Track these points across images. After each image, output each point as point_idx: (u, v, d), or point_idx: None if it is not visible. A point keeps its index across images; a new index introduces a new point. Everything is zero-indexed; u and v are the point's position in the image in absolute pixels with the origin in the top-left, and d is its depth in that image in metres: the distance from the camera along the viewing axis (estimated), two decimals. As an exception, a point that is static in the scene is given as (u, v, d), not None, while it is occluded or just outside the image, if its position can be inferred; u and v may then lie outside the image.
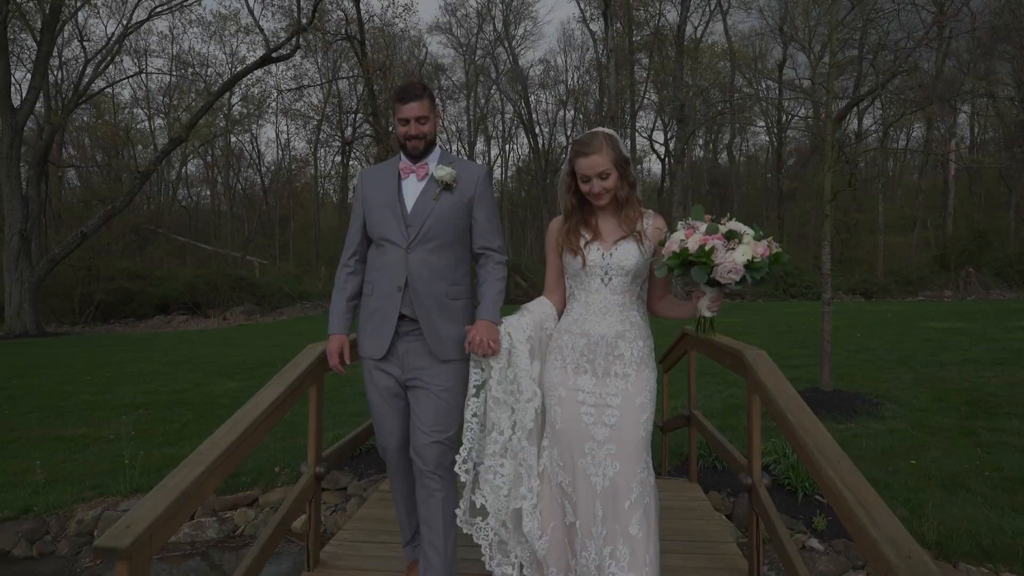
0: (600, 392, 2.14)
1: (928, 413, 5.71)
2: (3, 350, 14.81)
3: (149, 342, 16.28)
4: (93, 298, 26.00)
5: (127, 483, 5.02)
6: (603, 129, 2.18)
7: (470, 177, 2.40)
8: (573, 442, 2.14)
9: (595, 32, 33.63)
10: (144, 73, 32.05)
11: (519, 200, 42.28)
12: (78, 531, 4.56)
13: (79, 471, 5.43)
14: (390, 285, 2.34)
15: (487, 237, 2.42)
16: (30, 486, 5.12)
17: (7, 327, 18.67)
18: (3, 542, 4.42)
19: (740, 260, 1.91)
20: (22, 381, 9.62)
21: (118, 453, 5.81)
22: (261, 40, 25.19)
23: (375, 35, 29.12)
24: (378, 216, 2.39)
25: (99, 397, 8.19)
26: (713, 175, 39.93)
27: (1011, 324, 11.34)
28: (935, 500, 3.90)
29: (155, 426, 6.64)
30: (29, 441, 6.33)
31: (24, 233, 18.61)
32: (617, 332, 2.16)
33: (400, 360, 2.38)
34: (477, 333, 2.20)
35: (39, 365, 11.48)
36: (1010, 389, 6.37)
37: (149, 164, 21.36)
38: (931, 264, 26.68)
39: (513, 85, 37.30)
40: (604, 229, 2.21)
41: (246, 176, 39.84)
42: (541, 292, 2.37)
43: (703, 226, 1.98)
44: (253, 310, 26.65)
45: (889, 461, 4.60)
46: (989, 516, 3.69)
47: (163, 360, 11.69)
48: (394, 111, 2.39)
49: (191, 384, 8.87)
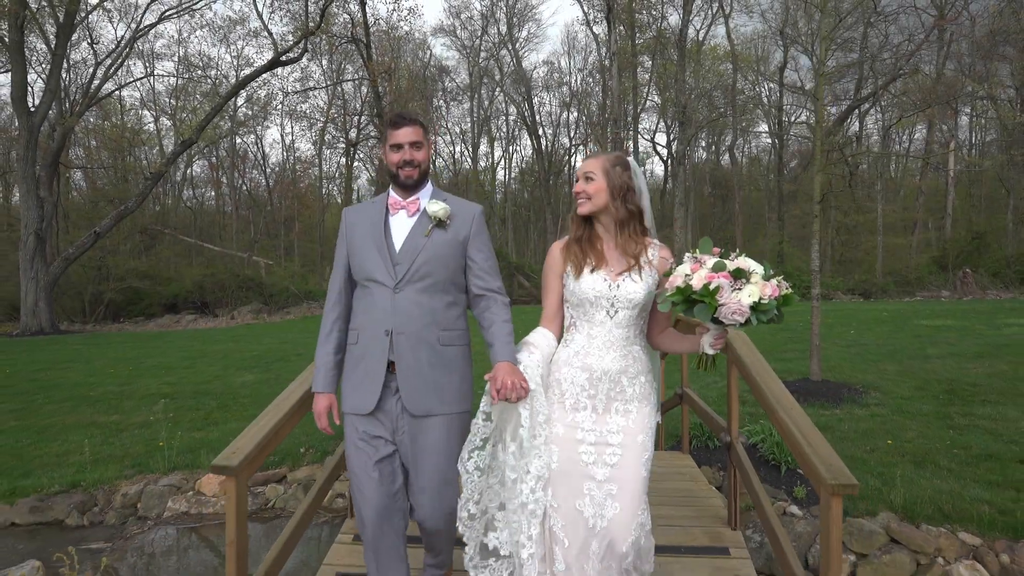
0: (600, 430, 2.06)
1: (909, 400, 6.10)
2: (23, 346, 15.27)
3: (162, 339, 16.73)
4: (103, 297, 26.52)
5: (165, 462, 5.44)
6: (622, 154, 2.17)
7: (464, 215, 2.25)
8: (572, 483, 2.04)
9: (598, 35, 34.06)
10: (152, 76, 32.50)
11: (522, 201, 42.67)
12: (123, 503, 4.98)
13: (117, 452, 5.85)
14: (376, 329, 2.14)
15: (486, 279, 2.25)
16: (75, 465, 5.55)
17: (23, 324, 19.15)
18: (57, 512, 4.84)
19: (746, 302, 1.84)
20: (49, 374, 10.06)
21: (151, 437, 6.25)
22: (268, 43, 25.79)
23: (380, 38, 29.62)
24: (362, 254, 2.20)
25: (124, 388, 8.62)
26: (715, 177, 40.30)
27: (999, 322, 11.71)
28: (905, 473, 4.30)
29: (182, 414, 7.06)
30: (66, 427, 6.76)
31: (39, 233, 19.08)
32: (620, 367, 2.09)
33: (391, 417, 2.16)
34: (504, 377, 1.97)
35: (61, 360, 11.92)
36: (987, 379, 6.76)
37: (160, 166, 21.86)
38: (929, 265, 27.05)
39: (516, 87, 37.73)
40: (609, 256, 2.12)
41: (251, 177, 40.34)
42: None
43: (710, 261, 1.92)
44: (261, 309, 27.11)
45: (868, 441, 5.00)
46: (952, 486, 4.09)
47: (180, 355, 12.12)
48: (385, 140, 2.25)
49: (211, 376, 9.29)
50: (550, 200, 37.86)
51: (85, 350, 14.05)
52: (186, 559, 4.40)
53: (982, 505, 3.79)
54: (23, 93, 18.32)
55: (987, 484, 4.11)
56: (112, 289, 26.69)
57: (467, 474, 2.04)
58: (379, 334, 2.12)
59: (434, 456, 2.14)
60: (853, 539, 3.68)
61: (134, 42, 24.36)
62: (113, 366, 10.68)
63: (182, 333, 19.69)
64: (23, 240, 19.21)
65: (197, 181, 40.83)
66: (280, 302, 28.03)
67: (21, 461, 5.71)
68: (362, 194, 40.31)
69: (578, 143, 40.14)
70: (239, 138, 37.21)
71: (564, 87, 39.37)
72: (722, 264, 1.89)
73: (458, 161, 41.49)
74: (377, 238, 2.19)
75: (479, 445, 2.04)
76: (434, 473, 2.14)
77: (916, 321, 12.80)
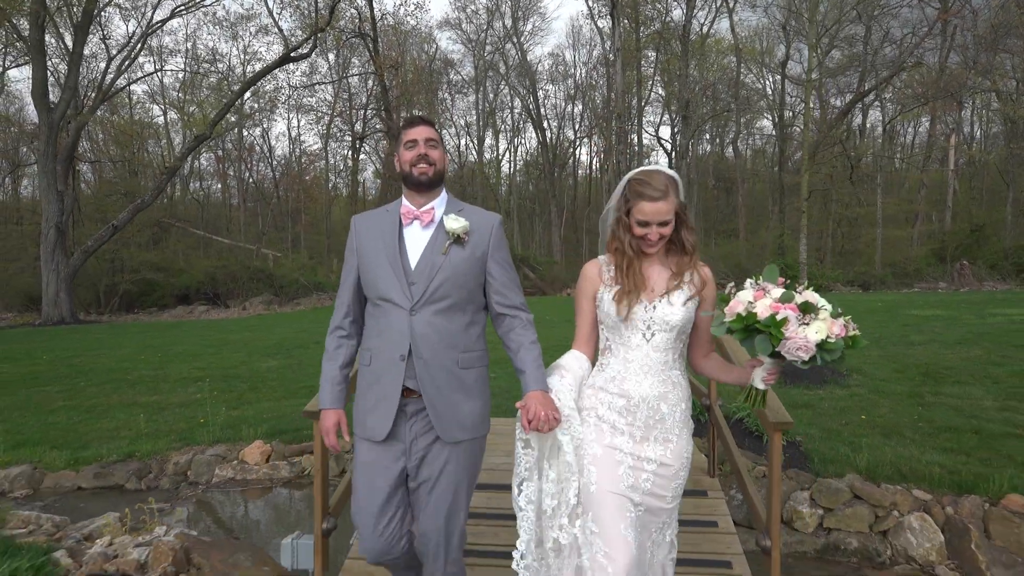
0: (637, 454, 1.99)
1: (886, 382, 6.63)
2: (49, 335, 15.90)
3: (179, 329, 17.34)
4: (118, 288, 27.21)
5: (209, 435, 6.03)
6: (666, 170, 2.01)
7: (483, 228, 2.13)
8: (613, 504, 1.94)
9: (603, 28, 34.38)
10: (161, 71, 33.00)
11: (527, 193, 43.10)
12: (175, 471, 5.58)
13: (163, 428, 6.44)
14: (391, 353, 2.05)
15: (508, 295, 2.15)
16: (127, 438, 6.14)
17: (45, 315, 19.80)
18: (117, 478, 5.44)
19: (813, 338, 1.73)
20: (82, 360, 10.66)
21: (191, 415, 6.83)
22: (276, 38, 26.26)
23: (387, 33, 30.05)
24: (375, 272, 2.10)
25: (158, 372, 9.22)
26: (719, 169, 40.65)
27: (987, 311, 12.20)
28: (872, 442, 4.84)
29: (217, 395, 7.64)
30: (111, 406, 7.35)
31: (60, 226, 19.69)
32: (659, 393, 1.99)
33: (406, 444, 2.08)
34: (535, 408, 1.92)
35: (88, 347, 12.52)
36: (962, 363, 7.28)
37: (175, 161, 22.42)
38: (928, 257, 27.47)
39: (521, 80, 38.11)
40: (650, 277, 2.02)
41: (258, 170, 40.87)
42: (549, 284, 2.31)
43: (775, 291, 1.82)
44: (272, 300, 27.73)
45: (844, 416, 5.54)
46: (912, 452, 4.63)
47: (202, 343, 12.71)
48: (399, 141, 2.17)
49: (237, 362, 9.87)
50: (555, 192, 38.28)
51: (108, 338, 14.67)
52: (240, 514, 4.99)
53: (935, 467, 4.33)
54: (44, 90, 18.86)
55: (942, 451, 4.65)
56: (127, 280, 27.38)
57: (521, 511, 1.98)
58: (394, 359, 2.04)
59: (447, 481, 2.07)
60: (822, 495, 4.23)
61: (146, 38, 24.87)
62: (142, 353, 11.28)
63: (197, 323, 20.30)
64: (44, 233, 19.83)
65: (203, 173, 41.38)
66: (290, 293, 28.61)
67: (77, 435, 6.30)
68: (367, 187, 40.84)
69: (583, 136, 40.54)
70: (245, 131, 37.72)
71: (569, 80, 39.74)
72: (790, 295, 1.79)
73: (463, 154, 41.90)
74: (391, 254, 2.08)
75: (526, 475, 1.99)
76: (450, 501, 2.07)
77: (907, 311, 13.30)
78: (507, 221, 38.89)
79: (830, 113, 31.52)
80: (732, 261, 29.01)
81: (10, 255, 28.74)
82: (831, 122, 29.69)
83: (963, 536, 3.76)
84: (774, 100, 33.63)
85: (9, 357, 11.13)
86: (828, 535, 4.09)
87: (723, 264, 27.95)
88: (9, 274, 26.46)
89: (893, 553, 3.91)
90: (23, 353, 11.76)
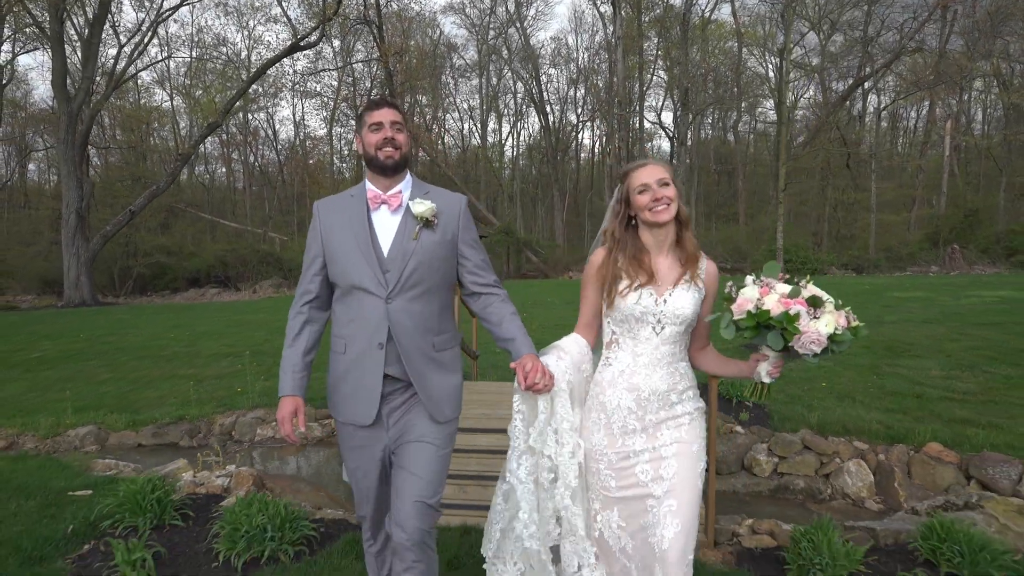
0: (653, 446, 1.99)
1: (852, 356, 7.36)
2: (74, 316, 16.73)
3: (195, 311, 18.15)
4: (131, 272, 28.04)
5: (248, 401, 6.82)
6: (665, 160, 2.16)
7: (451, 210, 2.12)
8: (635, 504, 1.98)
9: (605, 13, 34.72)
10: (169, 58, 33.48)
11: (530, 177, 43.60)
12: (221, 431, 6.38)
13: (205, 396, 7.23)
14: (368, 341, 2.04)
15: (482, 274, 2.16)
16: (174, 404, 6.94)
17: (67, 297, 20.63)
18: (172, 437, 6.25)
19: (824, 332, 1.76)
20: (116, 338, 11.47)
21: (228, 385, 7.63)
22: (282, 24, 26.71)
23: (392, 19, 30.49)
24: (346, 260, 2.07)
25: (190, 349, 10.01)
26: (720, 153, 41.06)
27: (964, 293, 12.91)
28: (827, 404, 5.59)
29: (249, 368, 8.43)
30: (154, 379, 8.16)
31: (80, 212, 20.44)
32: (669, 386, 2.00)
33: (387, 424, 2.11)
34: (532, 362, 1.93)
35: (116, 328, 13.33)
36: (924, 339, 8.02)
37: (189, 148, 23.06)
38: (922, 241, 28.08)
39: (524, 64, 38.48)
40: (659, 270, 2.02)
41: (262, 154, 41.41)
42: (552, 267, 2.40)
43: (780, 286, 1.83)
44: (280, 283, 28.52)
45: (807, 384, 6.29)
46: (859, 412, 5.39)
47: (223, 323, 13.50)
48: (361, 125, 2.13)
49: (261, 339, 10.65)
50: (557, 176, 38.81)
51: (131, 319, 15.47)
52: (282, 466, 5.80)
53: (875, 423, 5.09)
54: (63, 80, 19.51)
55: (884, 411, 5.41)
56: (140, 264, 28.21)
57: (522, 484, 1.96)
58: (372, 347, 2.03)
59: (433, 452, 2.09)
60: (777, 447, 5.00)
61: (156, 26, 25.38)
62: (170, 332, 12.08)
63: (210, 305, 21.11)
64: (64, 219, 20.58)
65: (208, 157, 41.91)
66: (298, 276, 29.30)
67: (129, 402, 7.10)
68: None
69: (585, 120, 40.98)
70: (250, 115, 38.21)
71: (571, 64, 40.08)
72: (798, 290, 1.81)
73: (466, 138, 42.40)
74: (362, 242, 2.05)
75: (524, 449, 1.97)
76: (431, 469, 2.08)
77: (891, 293, 14.01)
78: (510, 205, 39.62)
79: (831, 97, 31.88)
80: (731, 245, 29.64)
81: (25, 239, 29.59)
82: (832, 106, 30.07)
83: (889, 476, 4.53)
84: (774, 87, 33.98)
85: (48, 336, 11.96)
86: (780, 478, 4.87)
87: (722, 248, 28.58)
88: (27, 258, 27.30)
89: (832, 491, 4.68)
90: (58, 332, 12.58)
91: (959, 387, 5.96)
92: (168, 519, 3.29)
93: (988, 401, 5.50)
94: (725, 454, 4.96)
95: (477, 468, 4.06)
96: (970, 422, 5.00)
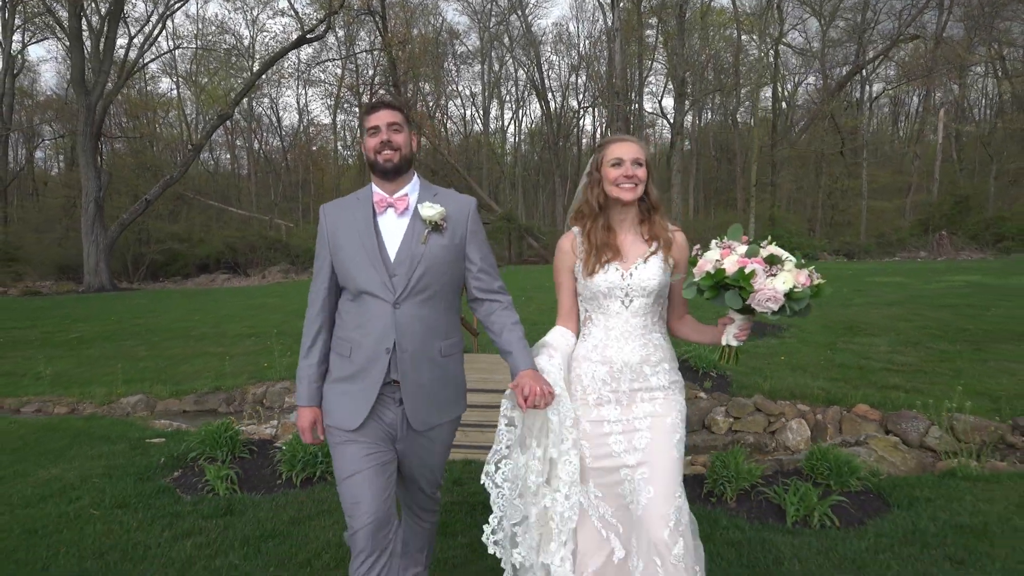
0: (627, 418, 2.05)
1: (813, 334, 8.23)
2: (97, 301, 17.65)
3: (210, 295, 19.05)
4: (145, 258, 28.97)
5: (275, 373, 7.71)
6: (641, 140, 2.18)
7: (459, 213, 2.12)
8: (609, 474, 2.04)
9: (604, 1, 35.16)
10: (177, 49, 34.12)
11: (531, 164, 44.22)
12: (253, 399, 7.27)
13: (235, 370, 8.12)
14: (376, 347, 2.03)
15: (487, 280, 2.17)
16: (209, 377, 7.83)
17: (87, 283, 21.58)
18: (211, 404, 7.16)
19: (781, 288, 1.79)
20: (144, 321, 12.38)
21: (255, 361, 8.51)
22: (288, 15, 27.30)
23: (395, 8, 31.06)
24: (353, 265, 2.06)
25: (216, 330, 10.91)
26: (719, 139, 41.60)
27: (936, 279, 13.72)
28: (780, 374, 6.46)
29: (273, 347, 9.32)
30: (187, 356, 9.06)
31: (98, 201, 21.31)
32: (641, 357, 2.05)
33: (392, 427, 2.09)
34: (530, 384, 1.93)
35: (140, 312, 14.24)
36: (881, 320, 8.87)
37: (201, 138, 23.85)
38: (914, 227, 28.81)
39: (526, 51, 39.00)
40: (624, 245, 2.08)
41: (266, 140, 42.04)
42: (552, 253, 2.26)
43: (740, 247, 1.87)
44: (288, 269, 29.45)
45: (768, 358, 7.14)
46: (807, 381, 6.24)
47: (240, 307, 14.40)
48: (361, 130, 2.13)
49: (279, 321, 11.54)
50: (559, 163, 39.50)
51: (151, 304, 16.38)
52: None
53: (817, 390, 5.95)
54: (81, 74, 20.28)
55: (829, 380, 6.27)
56: (152, 251, 29.14)
57: (496, 488, 2.00)
58: (379, 352, 2.02)
59: (431, 456, 2.18)
60: (733, 409, 5.88)
61: (166, 18, 26.08)
62: (194, 314, 12.99)
63: (223, 290, 22.02)
64: (84, 207, 21.48)
65: (212, 144, 42.47)
66: (306, 262, 30.21)
67: (169, 376, 8.00)
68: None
69: (586, 106, 41.56)
70: (254, 102, 38.81)
71: (573, 51, 40.57)
72: (755, 249, 1.86)
73: (469, 124, 43.01)
74: (369, 246, 2.05)
75: (505, 453, 2.01)
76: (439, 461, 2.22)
77: (871, 278, 14.83)
78: (512, 191, 40.36)
79: (830, 84, 32.41)
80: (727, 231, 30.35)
81: (41, 227, 30.49)
82: (829, 93, 30.65)
83: (823, 432, 5.41)
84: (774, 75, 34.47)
85: (81, 319, 12.89)
86: (734, 435, 5.75)
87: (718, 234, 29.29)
88: (44, 245, 28.23)
89: (776, 445, 5.56)
90: (88, 316, 13.50)
91: (899, 360, 6.82)
92: (238, 452, 4.20)
93: (919, 371, 6.36)
94: (688, 416, 5.75)
95: (477, 419, 4.94)
96: (899, 387, 5.87)
